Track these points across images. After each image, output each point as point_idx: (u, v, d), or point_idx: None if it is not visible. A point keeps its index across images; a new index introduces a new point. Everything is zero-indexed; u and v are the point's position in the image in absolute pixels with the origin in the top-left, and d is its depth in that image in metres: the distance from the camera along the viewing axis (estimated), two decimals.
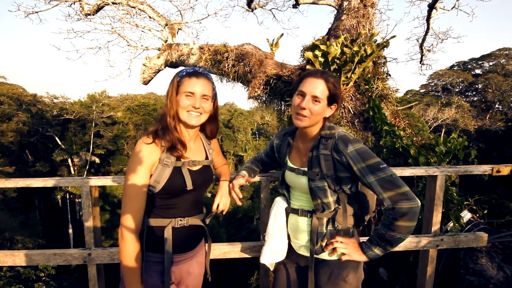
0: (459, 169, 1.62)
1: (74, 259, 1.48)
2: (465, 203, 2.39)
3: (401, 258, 2.26)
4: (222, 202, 1.31)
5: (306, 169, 1.21)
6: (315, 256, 1.22)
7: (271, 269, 1.36)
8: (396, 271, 2.29)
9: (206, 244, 1.35)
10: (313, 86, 1.16)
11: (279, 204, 1.34)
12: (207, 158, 1.27)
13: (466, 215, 2.21)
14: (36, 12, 5.75)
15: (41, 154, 23.12)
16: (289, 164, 1.30)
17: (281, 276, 1.35)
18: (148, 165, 1.08)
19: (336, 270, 1.19)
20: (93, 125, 24.49)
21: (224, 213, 1.34)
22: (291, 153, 1.33)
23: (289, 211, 1.30)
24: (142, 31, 6.48)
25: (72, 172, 23.16)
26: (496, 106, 28.51)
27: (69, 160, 22.96)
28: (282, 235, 1.31)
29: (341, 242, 1.17)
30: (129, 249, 1.05)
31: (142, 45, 6.50)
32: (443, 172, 1.57)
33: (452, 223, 2.12)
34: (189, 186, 1.13)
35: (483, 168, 1.64)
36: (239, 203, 1.32)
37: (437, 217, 1.63)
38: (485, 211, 2.51)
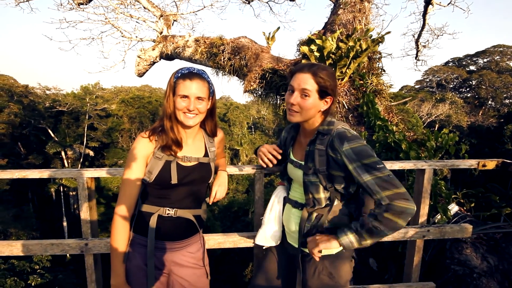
0: (446, 163, 1.67)
1: (71, 249, 1.51)
2: (453, 196, 2.47)
3: (390, 249, 2.34)
4: (219, 191, 1.38)
5: (302, 162, 1.23)
6: (302, 249, 1.24)
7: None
8: (385, 261, 2.37)
9: (202, 238, 1.37)
10: (300, 80, 1.16)
11: (279, 193, 1.40)
12: (206, 155, 1.30)
13: (454, 208, 2.28)
14: (27, 1, 5.61)
15: (33, 147, 22.81)
16: (291, 156, 1.33)
17: (269, 261, 1.39)
18: (143, 158, 1.18)
19: (320, 265, 1.21)
20: (87, 117, 24.18)
21: (221, 200, 1.38)
22: (294, 146, 1.36)
23: (286, 200, 1.35)
24: (136, 22, 6.37)
25: (66, 165, 22.93)
26: (489, 102, 28.92)
27: (63, 153, 22.71)
28: (277, 222, 1.36)
29: (312, 240, 1.13)
30: (117, 233, 1.16)
31: (136, 37, 6.39)
32: (431, 166, 1.63)
33: (439, 215, 2.20)
34: (174, 180, 1.18)
35: (469, 162, 1.70)
36: (274, 161, 1.40)
37: (424, 209, 1.69)
38: (472, 204, 2.60)
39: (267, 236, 1.37)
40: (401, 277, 1.97)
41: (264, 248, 1.40)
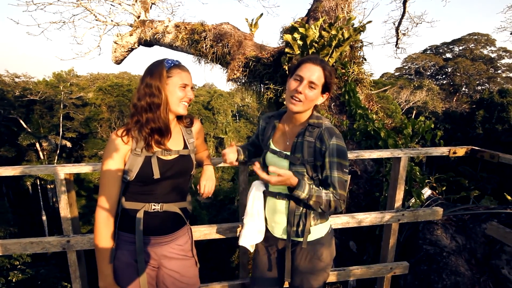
0: (420, 151, 1.77)
1: (52, 247, 1.48)
2: (426, 181, 2.62)
3: (368, 232, 2.47)
4: (207, 185, 1.36)
5: (288, 153, 1.26)
6: (292, 238, 1.29)
7: (251, 250, 1.42)
8: (364, 243, 2.51)
9: (189, 229, 1.38)
10: (311, 72, 1.18)
11: (257, 187, 1.38)
12: (186, 147, 1.29)
13: (427, 192, 2.43)
14: None
15: (5, 138, 21.47)
16: (272, 146, 1.33)
17: (259, 260, 1.42)
18: (121, 153, 1.16)
19: (312, 250, 1.28)
20: (62, 106, 22.94)
21: (210, 196, 1.37)
22: (275, 135, 1.36)
23: (268, 194, 1.35)
24: (111, 4, 6.00)
25: (42, 157, 21.87)
26: (463, 89, 30.32)
27: (37, 145, 21.58)
28: (260, 218, 1.36)
29: (277, 176, 1.12)
30: (101, 229, 1.14)
31: (112, 21, 6.04)
32: (406, 154, 1.72)
33: (414, 199, 2.33)
34: (156, 175, 1.17)
35: (441, 150, 1.80)
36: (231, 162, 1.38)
37: (399, 195, 1.79)
38: (444, 188, 2.77)
39: (253, 233, 1.36)
40: (379, 258, 2.10)
41: (250, 246, 1.40)
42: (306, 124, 1.25)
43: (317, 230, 1.30)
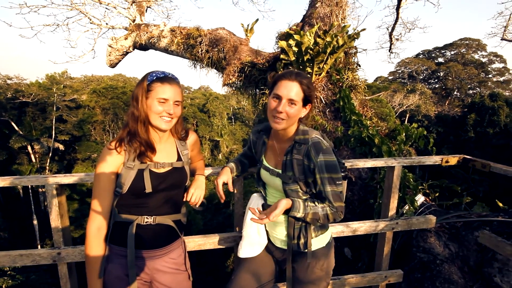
0: (414, 160, 1.78)
1: (42, 259, 1.44)
2: (420, 187, 2.64)
3: (363, 239, 2.48)
4: (195, 194, 1.33)
5: (280, 171, 1.25)
6: (293, 249, 1.29)
7: None
8: (359, 250, 2.52)
9: (183, 242, 1.36)
10: (289, 89, 1.17)
11: (255, 201, 1.39)
12: (180, 159, 1.27)
13: (420, 199, 2.45)
14: None
15: None
16: (264, 163, 1.33)
17: (252, 262, 1.38)
18: (113, 166, 1.14)
19: (313, 260, 1.29)
20: (54, 109, 22.65)
21: (197, 206, 1.35)
22: (266, 151, 1.35)
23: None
24: (106, 8, 5.97)
25: (33, 160, 21.49)
26: (455, 93, 30.85)
27: (29, 147, 21.22)
28: (260, 230, 1.37)
29: (270, 216, 1.10)
30: (92, 242, 1.12)
31: (107, 24, 6.00)
32: (400, 163, 1.73)
33: (407, 206, 2.35)
34: (148, 189, 1.15)
35: (434, 159, 1.82)
36: (222, 200, 1.36)
37: (393, 203, 1.81)
38: (437, 194, 2.81)
39: (253, 245, 1.36)
40: (373, 264, 2.11)
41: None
42: (292, 141, 1.24)
43: (318, 241, 1.31)
